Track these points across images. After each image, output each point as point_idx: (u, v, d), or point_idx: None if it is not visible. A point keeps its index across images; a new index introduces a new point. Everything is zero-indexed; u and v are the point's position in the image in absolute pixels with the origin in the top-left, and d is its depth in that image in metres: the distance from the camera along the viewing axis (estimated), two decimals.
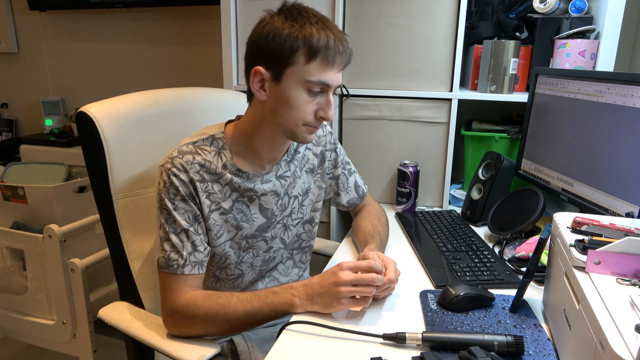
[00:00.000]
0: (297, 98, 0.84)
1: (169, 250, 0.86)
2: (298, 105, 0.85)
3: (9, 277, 1.63)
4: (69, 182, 1.74)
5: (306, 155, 1.05)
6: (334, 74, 0.85)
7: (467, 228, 1.21)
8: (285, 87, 0.84)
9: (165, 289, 0.87)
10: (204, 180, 0.89)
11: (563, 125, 1.13)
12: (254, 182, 0.94)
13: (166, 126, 1.08)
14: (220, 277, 0.98)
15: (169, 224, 0.87)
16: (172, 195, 0.87)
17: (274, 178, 0.98)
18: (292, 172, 1.01)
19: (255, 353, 0.94)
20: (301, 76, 0.83)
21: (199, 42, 2.32)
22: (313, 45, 0.81)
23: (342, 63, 0.86)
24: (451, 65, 1.32)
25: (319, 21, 0.83)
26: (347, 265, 0.83)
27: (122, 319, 0.95)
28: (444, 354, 0.72)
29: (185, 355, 0.81)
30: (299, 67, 0.83)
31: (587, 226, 0.74)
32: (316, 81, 0.83)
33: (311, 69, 0.83)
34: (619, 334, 0.51)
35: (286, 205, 1.01)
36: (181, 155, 0.88)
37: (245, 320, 0.85)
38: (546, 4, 1.25)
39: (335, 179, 1.12)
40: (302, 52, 0.82)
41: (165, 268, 0.86)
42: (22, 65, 2.76)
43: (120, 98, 1.04)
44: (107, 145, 0.96)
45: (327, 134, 1.09)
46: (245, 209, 0.95)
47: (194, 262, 0.87)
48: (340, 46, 0.84)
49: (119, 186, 0.99)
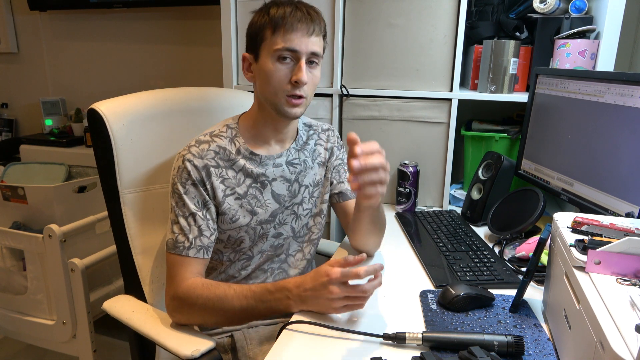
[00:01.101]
0: (270, 68, 0.91)
1: (177, 232, 0.91)
2: (272, 75, 0.92)
3: (9, 277, 1.63)
4: (69, 182, 1.74)
5: (317, 149, 1.09)
6: (299, 39, 0.90)
7: (467, 228, 1.21)
8: (262, 62, 0.93)
9: (170, 272, 0.91)
10: (218, 166, 0.95)
11: (563, 125, 1.13)
12: (265, 166, 1.00)
13: (174, 124, 1.11)
14: (233, 259, 1.02)
15: (179, 207, 0.92)
16: (184, 179, 0.92)
17: (285, 163, 1.03)
18: (302, 160, 1.05)
19: (253, 350, 0.95)
20: (270, 48, 0.91)
21: (199, 42, 2.32)
22: (273, 18, 0.90)
23: (305, 28, 0.91)
24: (451, 65, 1.32)
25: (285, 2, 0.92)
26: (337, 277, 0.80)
27: (124, 311, 0.98)
28: (444, 354, 0.72)
29: (180, 348, 0.82)
30: (267, 41, 0.92)
31: (587, 226, 0.74)
32: (281, 48, 0.90)
33: (276, 38, 0.90)
34: (619, 334, 0.51)
35: (296, 193, 1.04)
36: (198, 144, 0.95)
37: (241, 314, 0.87)
38: (546, 4, 1.25)
39: (335, 168, 1.13)
40: (267, 28, 0.91)
41: (172, 249, 0.91)
42: (22, 65, 2.76)
43: (130, 96, 1.08)
44: (115, 141, 1.00)
45: (336, 137, 1.15)
46: (259, 194, 1.00)
47: (199, 247, 0.91)
48: (300, 14, 0.90)
49: (126, 182, 1.03)
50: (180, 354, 0.81)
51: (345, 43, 1.39)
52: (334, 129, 1.16)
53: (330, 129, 1.15)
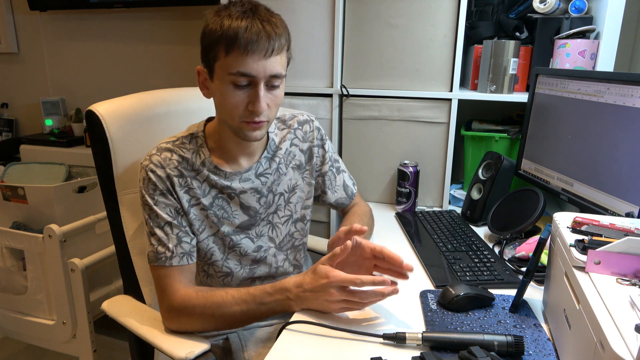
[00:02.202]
0: (225, 92, 0.84)
1: (155, 244, 0.88)
2: (228, 100, 0.84)
3: (9, 277, 1.63)
4: (69, 182, 1.74)
5: (292, 152, 1.03)
6: (255, 62, 0.80)
7: (467, 228, 1.21)
8: (217, 83, 0.85)
9: (159, 286, 0.88)
10: (182, 175, 0.90)
11: (563, 125, 1.13)
12: (231, 180, 0.94)
13: (173, 125, 1.10)
14: (209, 272, 0.98)
15: (152, 219, 0.88)
16: (152, 190, 0.88)
17: (254, 176, 0.97)
18: (274, 169, 0.99)
19: (249, 352, 0.95)
20: (225, 70, 0.82)
21: (198, 42, 2.31)
22: (227, 37, 0.80)
23: (261, 50, 0.80)
24: (451, 65, 1.32)
25: (239, 11, 0.81)
26: (336, 281, 0.80)
27: (122, 312, 0.98)
28: (444, 354, 0.72)
29: (174, 350, 0.82)
30: (221, 61, 0.82)
31: (587, 226, 0.74)
32: (236, 72, 0.81)
33: (230, 60, 0.81)
34: (619, 334, 0.51)
35: (271, 203, 1.00)
36: (159, 153, 0.90)
37: (242, 318, 0.86)
38: (546, 4, 1.25)
39: (322, 176, 1.10)
40: (221, 45, 0.81)
41: (154, 262, 0.88)
42: (22, 65, 2.76)
43: (128, 97, 1.07)
44: (113, 143, 1.00)
45: (314, 130, 1.07)
46: (226, 205, 0.95)
47: (182, 254, 0.88)
48: (255, 34, 0.79)
49: (123, 183, 1.02)
50: (175, 356, 0.81)
51: (345, 43, 1.39)
52: (312, 119, 1.07)
53: (307, 120, 1.06)
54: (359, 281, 0.78)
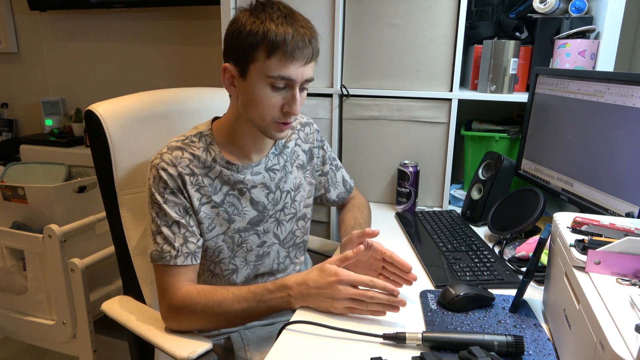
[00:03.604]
0: (261, 93, 0.86)
1: (161, 242, 0.88)
2: (262, 100, 0.86)
3: (9, 277, 1.63)
4: (69, 182, 1.74)
5: (296, 152, 1.07)
6: (297, 69, 0.85)
7: (467, 228, 1.21)
8: (251, 83, 0.86)
9: (160, 285, 0.88)
10: (193, 174, 0.91)
11: (563, 125, 1.13)
12: (243, 173, 0.96)
13: (172, 125, 1.11)
14: (215, 272, 0.99)
15: (160, 217, 0.88)
16: (162, 189, 0.89)
17: (264, 170, 0.99)
18: (282, 165, 1.02)
19: (251, 351, 0.95)
20: (263, 72, 0.84)
21: (199, 42, 2.32)
22: (271, 41, 0.82)
23: (304, 57, 0.85)
24: (451, 65, 1.32)
25: (281, 16, 0.84)
26: (346, 279, 0.81)
27: (122, 313, 0.98)
28: (444, 354, 0.72)
29: (177, 350, 0.82)
30: (260, 63, 0.84)
31: (587, 226, 0.74)
32: (277, 76, 0.84)
33: (271, 64, 0.84)
34: (619, 334, 0.51)
35: (278, 200, 1.02)
36: (170, 151, 0.91)
37: (242, 316, 0.86)
38: (546, 4, 1.25)
39: (324, 175, 1.15)
40: (262, 48, 0.83)
41: (158, 260, 0.87)
42: (22, 65, 2.76)
43: (127, 97, 1.07)
44: (112, 143, 1.00)
45: (314, 132, 1.11)
46: (237, 202, 0.96)
47: (187, 253, 0.88)
48: (300, 41, 0.83)
49: (123, 183, 1.02)
50: (177, 356, 0.81)
51: (345, 43, 1.39)
52: (312, 122, 1.12)
53: (308, 123, 1.11)
54: (371, 283, 0.80)
